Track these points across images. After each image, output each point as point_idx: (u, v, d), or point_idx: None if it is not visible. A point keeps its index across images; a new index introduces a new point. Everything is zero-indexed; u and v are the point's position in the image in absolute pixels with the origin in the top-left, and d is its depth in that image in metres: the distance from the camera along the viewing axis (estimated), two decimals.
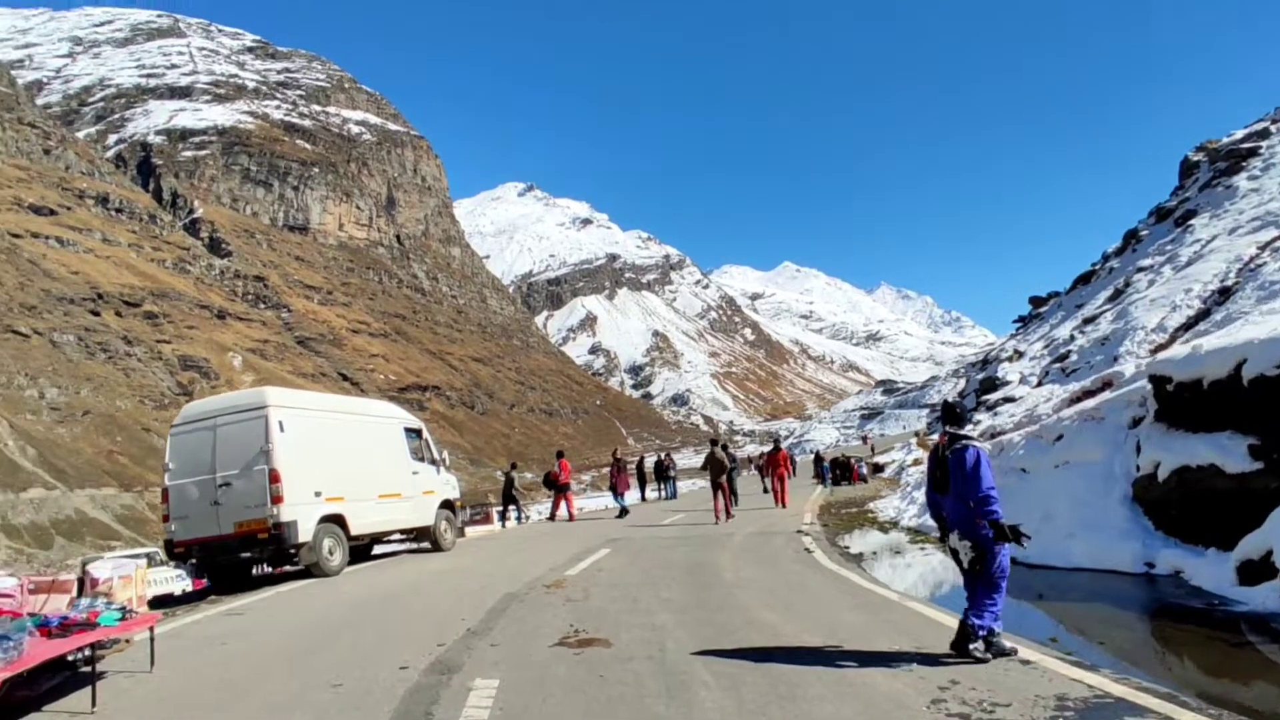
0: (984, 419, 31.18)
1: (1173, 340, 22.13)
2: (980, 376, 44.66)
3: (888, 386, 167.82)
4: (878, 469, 37.58)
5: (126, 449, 67.96)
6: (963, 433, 5.16)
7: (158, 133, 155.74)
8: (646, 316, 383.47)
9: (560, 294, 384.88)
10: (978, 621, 4.90)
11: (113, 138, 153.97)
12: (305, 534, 9.71)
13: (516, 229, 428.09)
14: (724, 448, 19.04)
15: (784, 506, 19.04)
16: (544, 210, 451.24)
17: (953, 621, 5.48)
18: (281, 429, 9.72)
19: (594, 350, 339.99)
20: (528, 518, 20.93)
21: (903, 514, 16.28)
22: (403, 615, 7.34)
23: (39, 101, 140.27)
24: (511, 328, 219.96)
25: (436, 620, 6.94)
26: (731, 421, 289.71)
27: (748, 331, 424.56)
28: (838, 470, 31.43)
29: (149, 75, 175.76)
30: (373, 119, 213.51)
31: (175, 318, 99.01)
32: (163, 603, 10.87)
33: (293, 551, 9.73)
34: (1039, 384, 31.94)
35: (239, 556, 9.78)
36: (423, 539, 13.02)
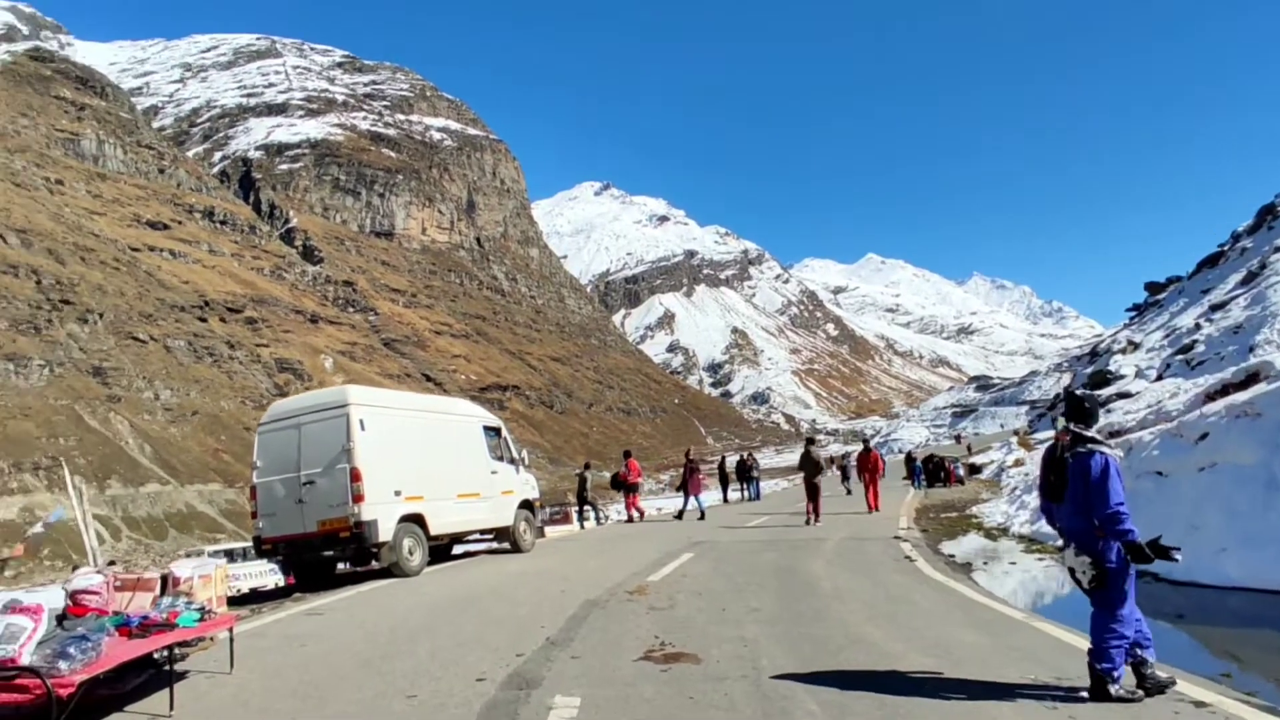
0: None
1: None
2: (1089, 370, 42.17)
3: (982, 382, 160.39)
4: (974, 470, 35.64)
5: (229, 447, 72.20)
6: (1089, 433, 4.42)
7: (257, 148, 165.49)
8: (725, 313, 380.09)
9: (638, 292, 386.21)
10: (1105, 666, 4.14)
11: (218, 155, 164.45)
12: (385, 533, 9.62)
13: (594, 228, 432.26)
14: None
15: (876, 510, 18.08)
16: (621, 208, 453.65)
17: None
18: (362, 427, 9.68)
19: (672, 348, 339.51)
20: (606, 518, 20.72)
21: (1012, 519, 15.12)
22: (481, 620, 7.12)
23: (155, 124, 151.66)
24: (589, 327, 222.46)
25: (515, 627, 6.68)
26: (814, 420, 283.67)
27: (830, 327, 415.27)
28: (931, 471, 29.91)
29: (249, 95, 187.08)
30: (453, 125, 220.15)
31: (272, 322, 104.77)
32: (254, 597, 11.15)
33: (373, 551, 9.72)
34: (1159, 378, 29.97)
35: (322, 555, 9.86)
36: (502, 539, 12.85)
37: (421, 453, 10.75)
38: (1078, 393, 4.96)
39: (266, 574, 13.02)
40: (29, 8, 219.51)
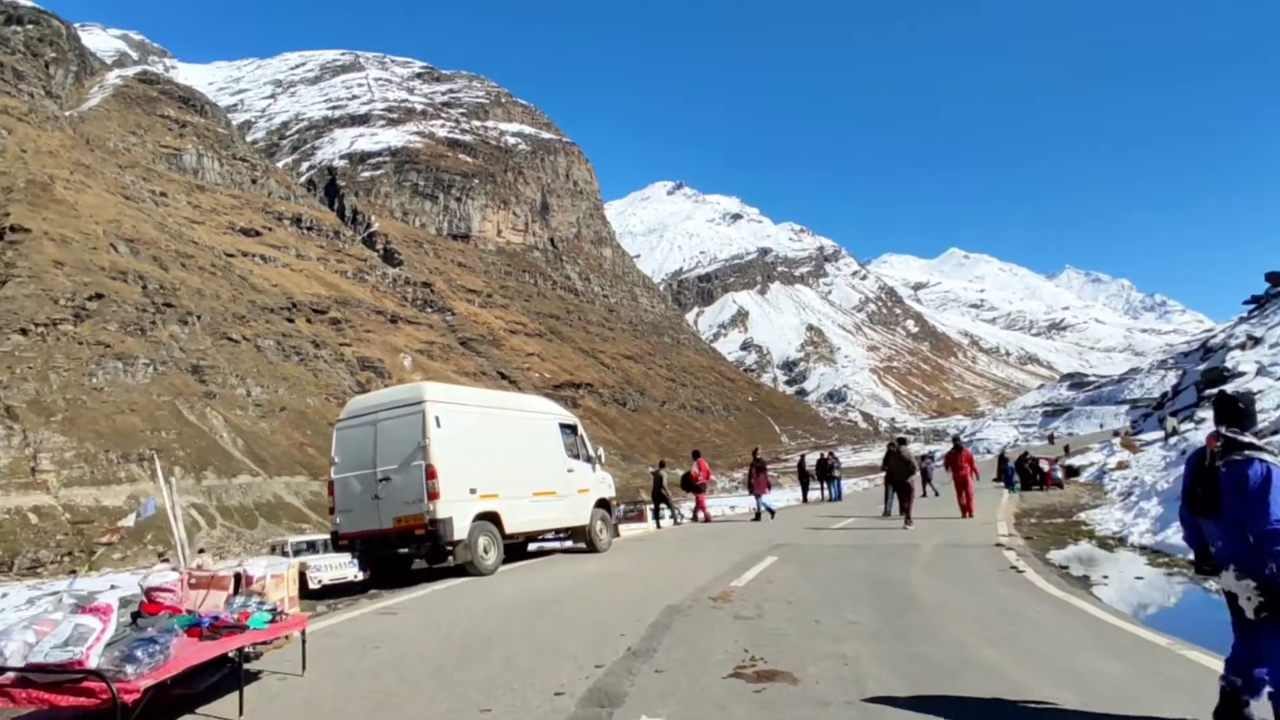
0: (1208, 416, 27.48)
1: None
2: (1202, 368, 39.35)
3: (1075, 380, 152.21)
4: (1072, 472, 33.37)
5: (314, 441, 75.20)
6: (1245, 438, 3.84)
7: (341, 157, 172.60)
8: (800, 310, 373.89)
9: (711, 290, 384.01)
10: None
11: (305, 165, 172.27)
12: (460, 531, 9.45)
13: (666, 227, 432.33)
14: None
15: (970, 515, 16.93)
16: (693, 207, 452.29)
17: None
18: (438, 424, 9.53)
19: (745, 346, 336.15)
20: (683, 517, 20.20)
21: (1129, 528, 13.88)
22: (557, 626, 6.79)
23: (248, 138, 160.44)
24: (662, 325, 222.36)
25: (593, 634, 6.32)
26: (893, 419, 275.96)
27: (910, 323, 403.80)
28: (1026, 472, 28.17)
29: (334, 107, 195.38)
30: (527, 129, 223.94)
31: (355, 322, 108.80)
32: (332, 591, 11.19)
33: (448, 549, 9.56)
34: None
35: (397, 552, 9.80)
36: (577, 539, 12.58)
37: (497, 450, 10.56)
38: (1230, 391, 4.32)
39: (345, 567, 13.22)
40: (139, 35, 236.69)
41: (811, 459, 27.95)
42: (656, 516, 19.61)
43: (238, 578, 5.50)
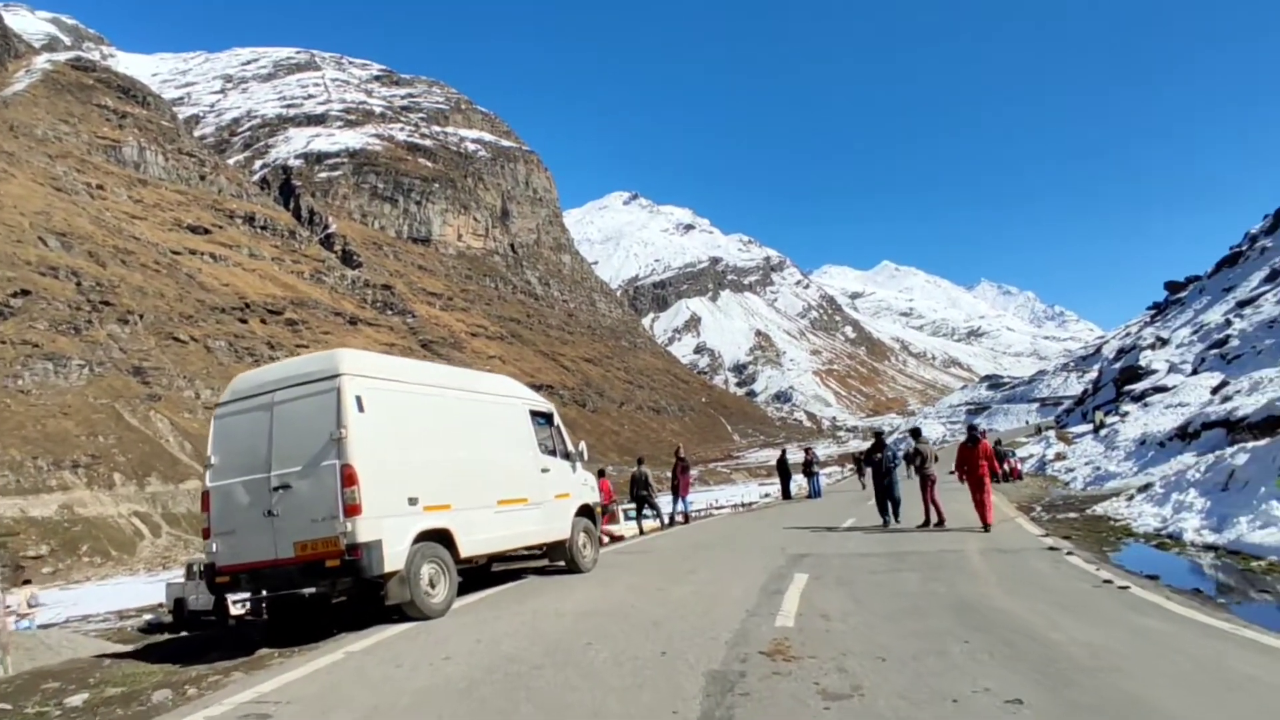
0: (1132, 409, 28.91)
1: None
2: (1118, 366, 41.50)
3: (993, 381, 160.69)
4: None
5: None
6: None
7: (297, 157, 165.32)
8: (749, 316, 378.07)
9: (665, 296, 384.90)
10: None
11: (258, 163, 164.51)
12: (394, 560, 6.34)
13: (623, 235, 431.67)
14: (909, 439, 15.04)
15: (989, 525, 12.42)
16: (649, 217, 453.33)
17: None
18: (360, 408, 6.38)
19: (698, 350, 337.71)
20: (667, 520, 17.53)
21: (1174, 524, 11.62)
22: None
23: (196, 133, 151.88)
24: (619, 329, 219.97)
25: None
26: (834, 418, 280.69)
27: (848, 329, 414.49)
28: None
29: (289, 105, 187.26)
30: (488, 137, 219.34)
31: (312, 324, 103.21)
32: (194, 648, 7.41)
33: (378, 585, 6.38)
34: (1194, 371, 29.53)
35: (300, 592, 6.31)
36: (555, 557, 9.28)
37: (447, 444, 7.38)
38: None
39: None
40: (72, 20, 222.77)
41: (795, 455, 25.90)
42: (640, 518, 16.88)
43: None
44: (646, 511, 16.62)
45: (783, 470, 24.38)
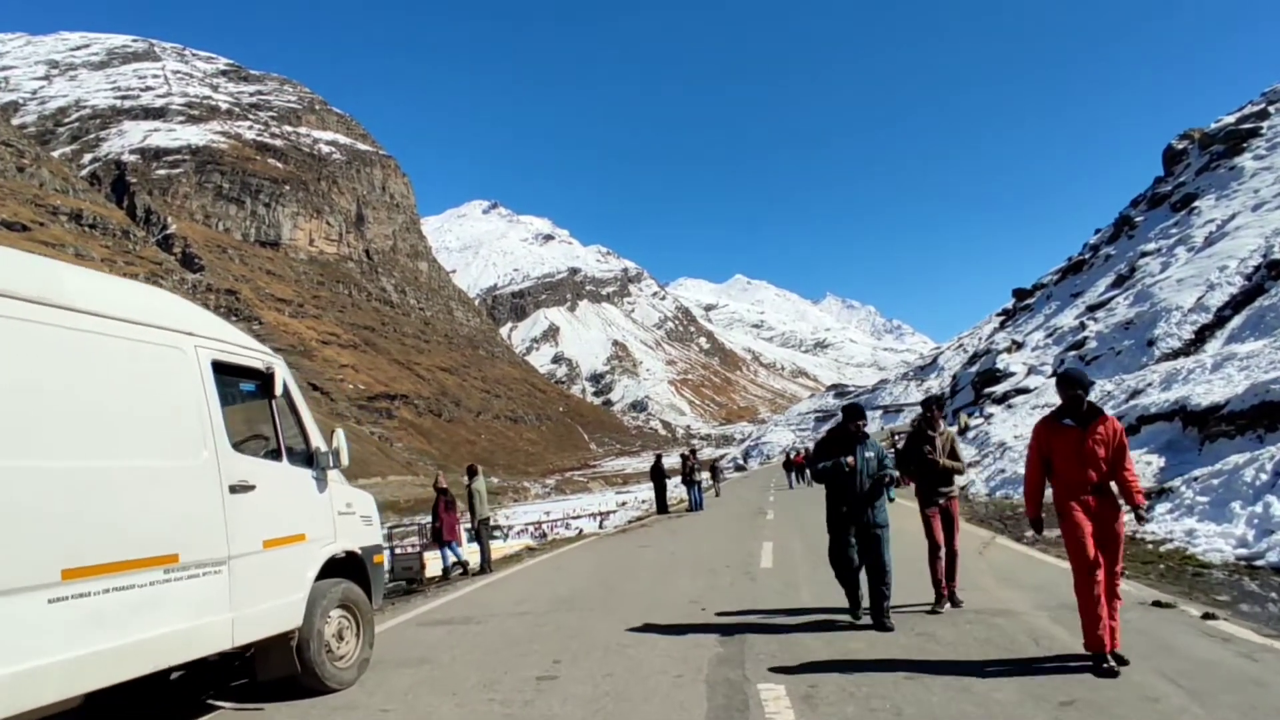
0: (995, 411, 28.51)
1: (1220, 320, 20.07)
2: (975, 370, 40.94)
3: (839, 390, 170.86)
4: None
5: None
6: None
7: (132, 152, 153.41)
8: (606, 327, 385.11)
9: (524, 306, 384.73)
10: None
11: (88, 157, 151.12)
12: None
13: (482, 244, 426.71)
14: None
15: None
16: (508, 226, 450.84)
17: None
18: None
19: (556, 359, 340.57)
20: (450, 570, 11.92)
21: (1267, 547, 6.66)
22: None
23: (14, 122, 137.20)
24: (477, 338, 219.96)
25: None
26: (689, 426, 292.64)
27: (703, 340, 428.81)
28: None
29: (124, 97, 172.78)
30: (342, 139, 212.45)
31: None
32: None
33: None
34: (1053, 374, 26.88)
35: None
36: (272, 665, 4.12)
37: None
38: None
39: None
40: None
41: (670, 461, 23.81)
42: (443, 554, 12.06)
43: None
44: (458, 548, 11.94)
45: (658, 478, 20.57)
